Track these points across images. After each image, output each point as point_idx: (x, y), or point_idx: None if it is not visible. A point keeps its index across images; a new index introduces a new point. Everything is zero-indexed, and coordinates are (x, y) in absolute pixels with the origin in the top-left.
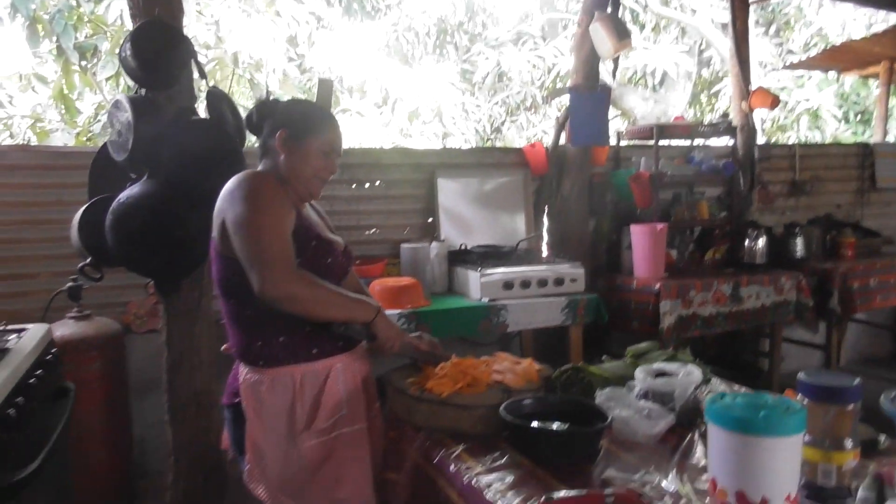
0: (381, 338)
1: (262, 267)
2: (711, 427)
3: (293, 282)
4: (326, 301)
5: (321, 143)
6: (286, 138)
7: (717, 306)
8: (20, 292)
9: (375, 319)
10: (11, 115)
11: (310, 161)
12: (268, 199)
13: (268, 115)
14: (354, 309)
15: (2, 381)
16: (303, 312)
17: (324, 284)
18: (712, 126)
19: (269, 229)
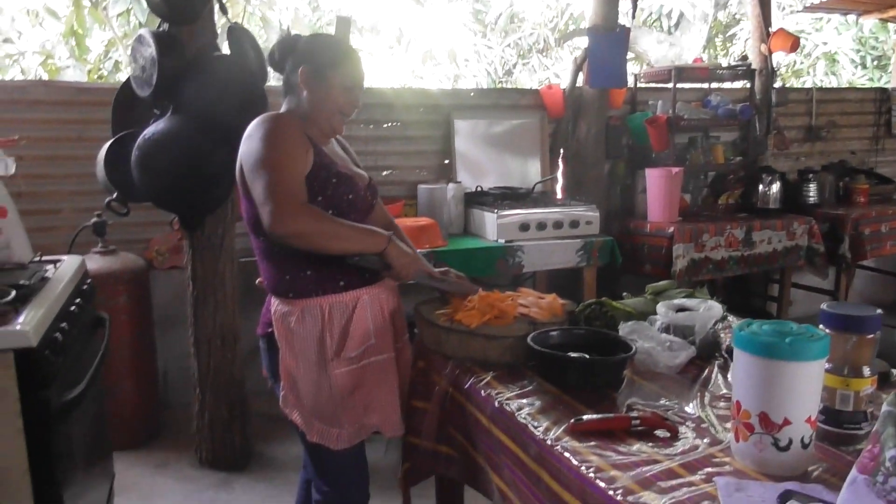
0: (394, 265)
1: (270, 205)
2: (738, 352)
3: (299, 218)
4: (335, 234)
5: (343, 78)
6: (308, 74)
7: (729, 250)
8: (45, 227)
9: (387, 248)
10: (22, 51)
11: (332, 96)
12: (281, 139)
13: (290, 51)
14: (364, 239)
15: (47, 306)
16: (312, 247)
17: (332, 219)
18: (731, 69)
19: (278, 168)
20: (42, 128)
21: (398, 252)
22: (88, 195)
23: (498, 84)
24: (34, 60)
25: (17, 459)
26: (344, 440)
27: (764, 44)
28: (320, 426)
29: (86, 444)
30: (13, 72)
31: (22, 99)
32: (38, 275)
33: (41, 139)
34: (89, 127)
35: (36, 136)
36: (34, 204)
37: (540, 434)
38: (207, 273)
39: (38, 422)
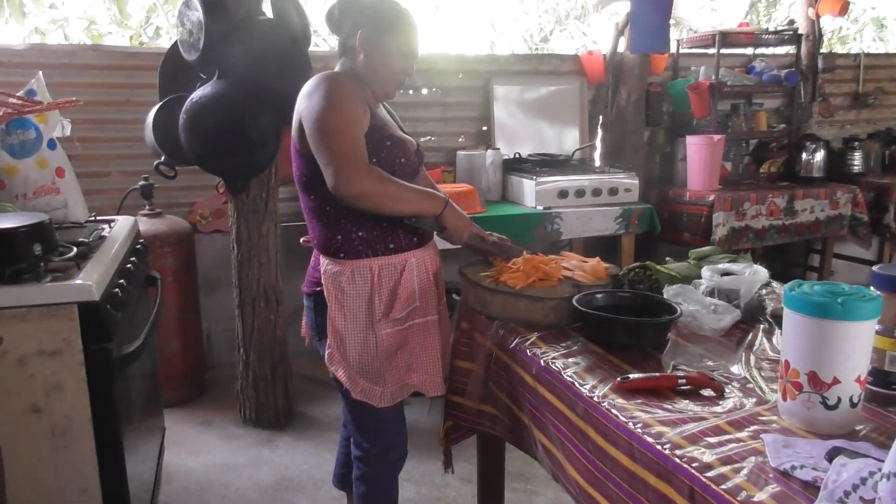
0: (450, 228)
1: (336, 165)
2: (788, 312)
3: (365, 179)
4: (397, 196)
5: (401, 45)
6: (367, 38)
7: (770, 219)
8: (94, 189)
9: (444, 211)
10: (66, 16)
11: (388, 62)
12: (343, 99)
13: (350, 11)
14: (424, 202)
15: (107, 263)
16: (374, 208)
17: (394, 180)
18: (777, 33)
19: (342, 129)
20: (91, 91)
21: (455, 215)
22: (136, 158)
23: (534, 51)
24: (78, 26)
25: (81, 408)
26: (387, 398)
27: (811, 7)
28: (364, 384)
29: (141, 397)
30: (58, 37)
31: (71, 63)
32: (95, 233)
33: (90, 103)
34: (136, 91)
35: (85, 99)
36: (84, 167)
37: (586, 392)
38: (252, 235)
39: (100, 373)
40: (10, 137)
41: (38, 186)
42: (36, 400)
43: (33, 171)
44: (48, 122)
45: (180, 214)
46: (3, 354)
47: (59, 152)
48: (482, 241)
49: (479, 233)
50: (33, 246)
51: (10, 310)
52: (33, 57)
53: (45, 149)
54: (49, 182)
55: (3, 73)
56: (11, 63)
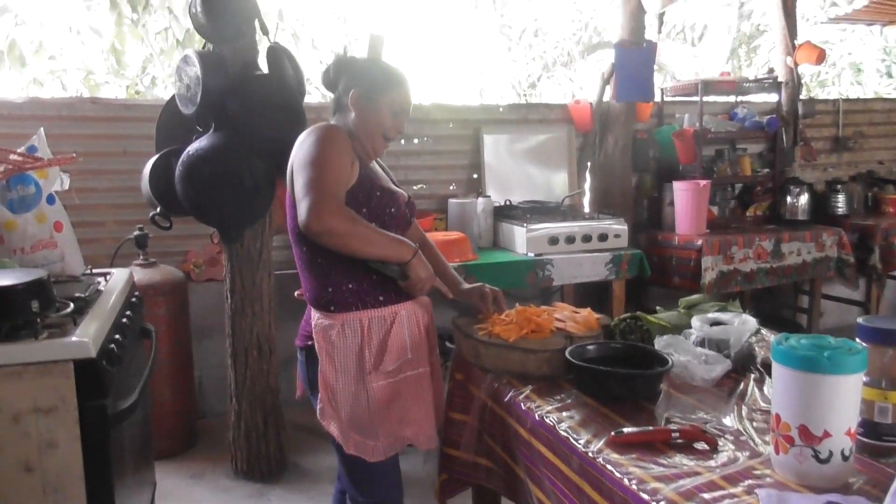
0: (412, 278)
1: (309, 200)
2: (777, 366)
3: (335, 216)
4: (365, 237)
5: (391, 103)
6: (359, 96)
7: (758, 262)
8: (88, 239)
9: (412, 260)
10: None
11: (379, 119)
12: (332, 144)
13: (344, 71)
14: (393, 247)
15: (103, 319)
16: (341, 247)
17: (364, 222)
18: (757, 81)
19: (324, 166)
20: (88, 143)
21: (421, 266)
22: (130, 208)
23: (522, 97)
24: (76, 76)
25: (74, 466)
26: (380, 452)
27: (790, 56)
28: (357, 438)
29: (134, 452)
30: (55, 87)
31: (70, 115)
32: (92, 287)
33: (87, 154)
34: (133, 142)
35: (82, 150)
36: (79, 216)
37: (581, 446)
38: (246, 284)
39: (95, 430)
40: (10, 193)
41: (36, 241)
42: (29, 458)
43: (32, 225)
44: (48, 177)
45: (174, 263)
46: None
47: (58, 206)
48: (442, 297)
49: (439, 287)
50: (31, 302)
51: (6, 367)
52: (32, 109)
53: (44, 203)
54: (47, 236)
55: (2, 125)
56: (11, 115)
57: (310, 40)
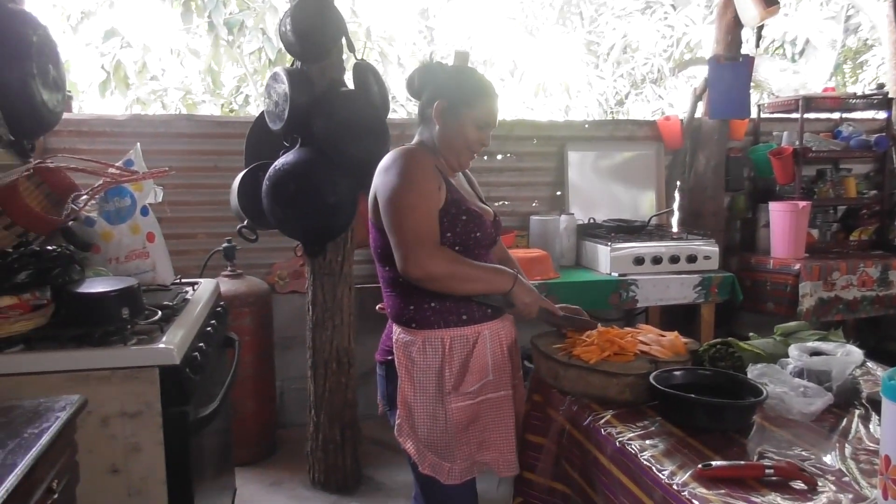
0: (518, 304)
1: (405, 247)
2: (887, 403)
3: (433, 262)
4: (465, 276)
5: (477, 116)
6: (444, 109)
7: (862, 290)
8: (181, 251)
9: (513, 288)
10: (165, 87)
11: (464, 133)
12: (418, 175)
13: (430, 80)
14: (492, 281)
15: (188, 326)
16: (443, 289)
17: (463, 260)
18: (865, 98)
19: (414, 209)
20: (183, 158)
21: (524, 291)
22: (221, 221)
23: (609, 115)
24: (175, 95)
25: (157, 469)
26: (455, 475)
27: None
28: (433, 458)
29: (214, 458)
30: (155, 106)
31: (167, 132)
32: (179, 296)
33: (182, 168)
34: (224, 157)
35: (178, 165)
36: (173, 229)
37: (665, 478)
38: (327, 298)
39: (177, 435)
40: (107, 205)
41: (129, 251)
42: (115, 460)
43: (126, 236)
44: (143, 190)
45: (259, 275)
46: (87, 415)
47: (151, 218)
48: (552, 316)
49: (548, 307)
50: (122, 309)
51: (97, 371)
52: (133, 126)
53: (138, 215)
54: (140, 246)
55: (106, 141)
56: (114, 132)
57: (396, 58)
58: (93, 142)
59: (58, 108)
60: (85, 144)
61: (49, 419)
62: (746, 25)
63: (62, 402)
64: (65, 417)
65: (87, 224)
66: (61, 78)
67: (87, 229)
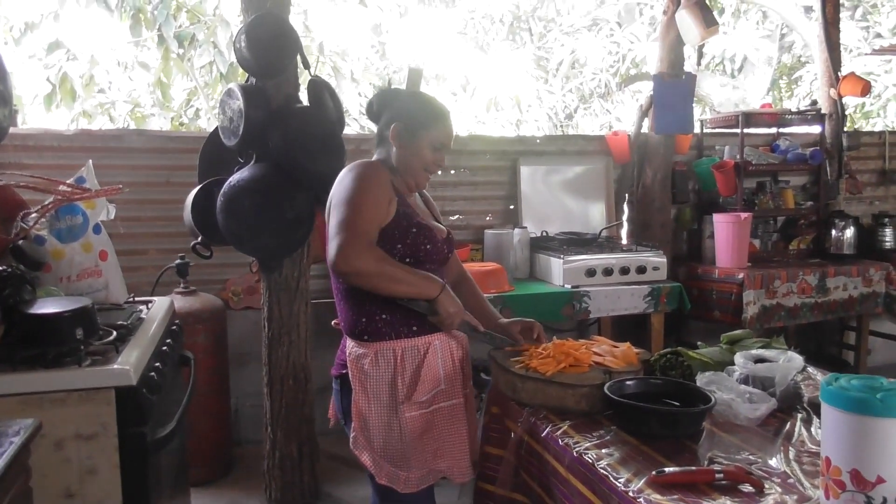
0: (441, 313)
1: (338, 239)
2: (826, 408)
3: (361, 257)
4: (392, 277)
5: (433, 138)
6: (400, 131)
7: (802, 297)
8: (132, 267)
9: (439, 296)
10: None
11: (420, 154)
12: (370, 184)
13: (388, 104)
14: (420, 285)
15: (144, 347)
16: (369, 287)
17: (392, 262)
18: (800, 113)
19: (358, 207)
20: (134, 173)
21: (448, 302)
22: (173, 237)
23: (559, 129)
24: (123, 109)
25: (113, 492)
26: (412, 483)
27: (833, 88)
28: (389, 468)
29: (170, 479)
30: (103, 120)
31: (118, 147)
32: (134, 315)
33: (133, 184)
34: (176, 172)
35: (128, 181)
36: (124, 245)
37: (621, 486)
38: (283, 313)
39: (134, 457)
40: (58, 223)
41: (82, 269)
42: (70, 484)
43: (78, 254)
44: (95, 207)
45: (213, 291)
46: (41, 438)
47: (104, 236)
48: (473, 330)
49: (470, 321)
50: (76, 330)
51: (51, 393)
52: (81, 141)
53: (90, 233)
54: (92, 265)
55: (53, 156)
56: (62, 147)
57: (349, 73)
58: (39, 156)
59: (4, 123)
60: (31, 159)
61: (2, 444)
62: (688, 44)
63: (16, 426)
64: (19, 442)
65: (37, 242)
66: (8, 92)
67: (38, 248)
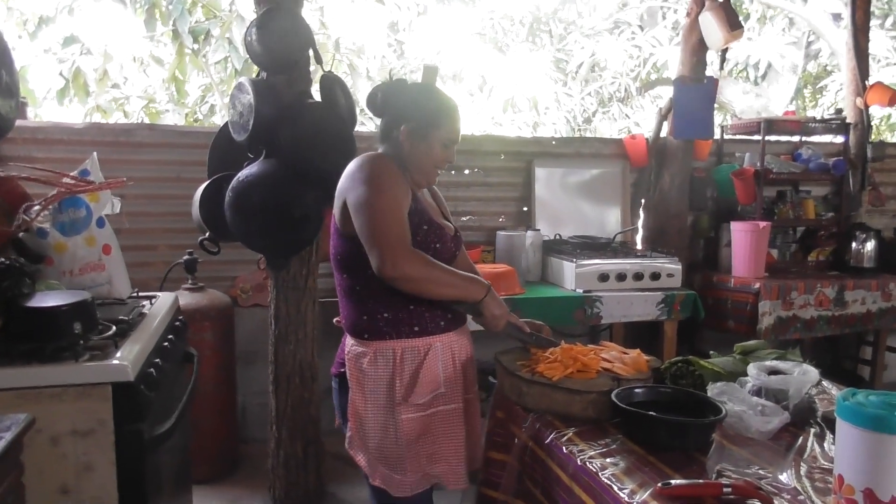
0: (486, 316)
1: (381, 248)
2: (842, 423)
3: (409, 262)
4: (440, 280)
5: (443, 136)
6: (411, 131)
7: (819, 309)
8: (141, 262)
9: (485, 298)
10: (127, 95)
11: (432, 154)
12: (388, 181)
13: (393, 99)
14: (467, 287)
15: (143, 343)
16: (418, 291)
17: (438, 264)
18: (824, 122)
19: (387, 211)
20: (144, 168)
21: (495, 303)
22: (182, 233)
23: (577, 132)
24: (137, 104)
25: (109, 489)
26: (406, 488)
27: (859, 97)
28: (384, 471)
29: (171, 476)
30: (117, 115)
31: (127, 141)
32: (136, 310)
33: (143, 179)
34: (187, 168)
35: (139, 175)
36: (133, 240)
37: (625, 497)
38: (290, 312)
39: (131, 454)
40: (61, 216)
41: (84, 263)
42: (66, 480)
43: (81, 248)
44: (99, 200)
45: (222, 288)
46: (36, 433)
47: (107, 230)
48: (519, 331)
49: (516, 322)
50: (74, 324)
51: (48, 389)
52: (92, 135)
53: (93, 227)
54: (95, 259)
55: (63, 150)
56: (71, 140)
57: (365, 70)
58: (49, 150)
59: (10, 115)
60: (41, 153)
61: None
62: (711, 48)
63: (7, 421)
64: (9, 438)
65: (39, 235)
66: (14, 83)
67: (40, 241)
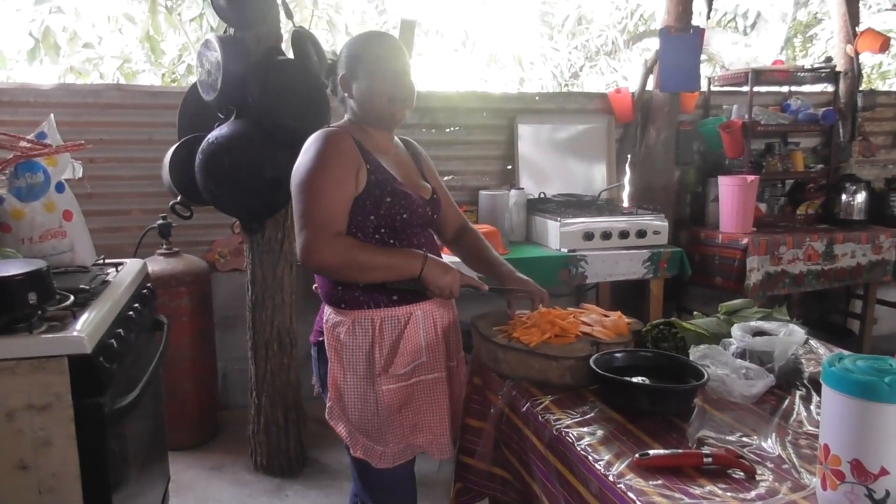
0: (432, 287)
1: (301, 235)
2: (828, 391)
3: (327, 252)
4: (364, 266)
5: (375, 64)
6: (345, 80)
7: (808, 264)
8: (114, 227)
9: (423, 272)
10: (101, 55)
11: (373, 86)
12: (330, 161)
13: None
14: (397, 267)
15: (104, 313)
16: (342, 279)
17: (364, 248)
18: (813, 71)
19: (319, 194)
20: (115, 130)
21: (435, 274)
22: (156, 197)
23: (564, 87)
24: (112, 65)
25: (69, 465)
26: (388, 459)
27: (850, 44)
28: (365, 442)
29: (140, 448)
30: (93, 76)
31: (96, 102)
32: (98, 279)
33: (113, 141)
34: (159, 129)
35: (109, 138)
36: (105, 205)
37: (601, 468)
38: (266, 277)
39: (91, 428)
40: (17, 181)
41: (44, 230)
42: (23, 456)
43: (40, 214)
44: (57, 164)
45: (199, 253)
46: None
47: (68, 195)
48: (475, 287)
49: (469, 282)
50: (28, 294)
51: (1, 362)
52: (59, 97)
53: (52, 192)
54: (56, 225)
55: (29, 112)
56: (38, 103)
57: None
58: (15, 113)
59: None
60: (6, 115)
61: None
62: None
63: None
64: None
65: None
66: None
67: None
